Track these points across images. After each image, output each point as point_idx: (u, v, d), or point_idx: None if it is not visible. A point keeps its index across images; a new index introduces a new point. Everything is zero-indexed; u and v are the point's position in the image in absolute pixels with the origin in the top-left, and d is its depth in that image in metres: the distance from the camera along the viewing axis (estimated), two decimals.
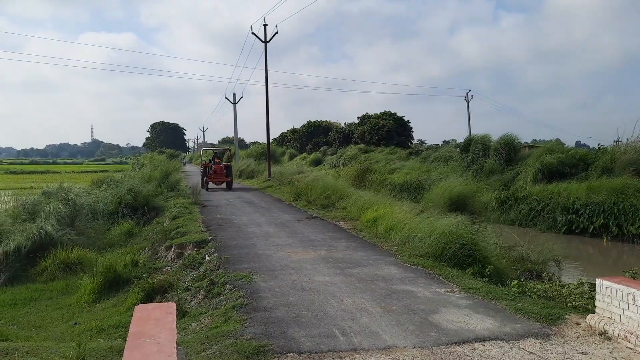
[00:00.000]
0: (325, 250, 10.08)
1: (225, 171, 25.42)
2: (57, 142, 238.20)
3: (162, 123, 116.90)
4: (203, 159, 28.52)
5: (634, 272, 6.93)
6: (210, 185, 25.46)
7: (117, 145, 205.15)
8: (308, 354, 5.03)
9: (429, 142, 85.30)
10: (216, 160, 26.22)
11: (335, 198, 17.20)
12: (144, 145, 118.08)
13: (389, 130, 55.03)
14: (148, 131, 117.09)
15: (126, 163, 69.91)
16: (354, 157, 39.98)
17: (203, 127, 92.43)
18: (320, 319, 6.05)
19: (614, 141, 21.90)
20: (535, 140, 47.45)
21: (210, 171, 25.28)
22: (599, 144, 23.52)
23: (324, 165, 43.91)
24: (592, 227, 16.38)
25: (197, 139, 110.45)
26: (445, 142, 70.73)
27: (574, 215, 17.09)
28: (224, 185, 26.03)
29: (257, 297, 6.99)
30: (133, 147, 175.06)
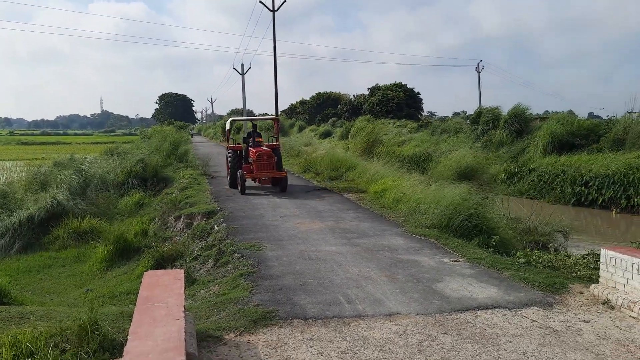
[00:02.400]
0: (332, 221, 10.17)
1: (275, 159, 14.33)
2: (67, 113, 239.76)
3: (170, 94, 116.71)
4: (231, 136, 16.90)
5: (639, 242, 6.94)
6: (248, 182, 14.39)
7: (127, 116, 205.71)
8: (313, 319, 5.15)
9: (439, 114, 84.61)
10: (258, 141, 15.37)
11: (343, 170, 17.25)
12: (153, 116, 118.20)
13: (398, 102, 54.48)
14: (157, 102, 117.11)
15: (135, 134, 70.15)
16: (362, 129, 39.78)
17: (211, 99, 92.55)
18: (326, 286, 6.16)
19: (627, 112, 21.53)
20: (547, 112, 46.79)
21: (250, 160, 14.46)
22: (607, 115, 23.18)
23: (333, 137, 43.76)
24: (601, 199, 16.31)
25: (206, 111, 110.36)
26: (456, 114, 70.11)
27: (582, 187, 17.00)
28: (266, 185, 15.00)
29: (265, 266, 7.11)
30: (142, 119, 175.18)
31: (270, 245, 8.25)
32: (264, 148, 14.57)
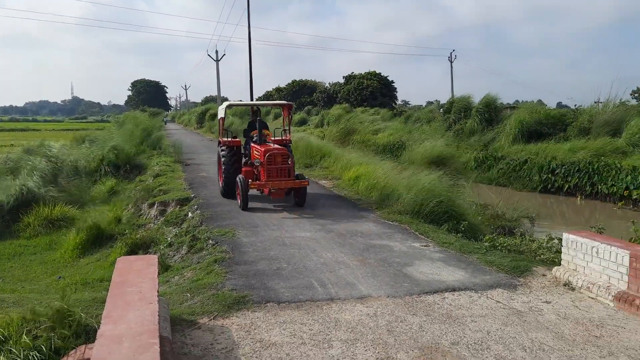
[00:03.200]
0: (307, 208, 10.27)
1: (289, 163, 10.27)
2: (36, 99, 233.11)
3: (143, 81, 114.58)
4: (226, 128, 12.26)
5: (600, 227, 7.24)
6: (248, 192, 10.26)
7: (98, 103, 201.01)
8: (287, 303, 5.26)
9: (413, 103, 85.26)
10: (265, 134, 11.46)
11: (318, 158, 17.36)
12: (126, 103, 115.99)
13: (373, 91, 54.76)
14: (129, 89, 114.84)
15: (108, 121, 68.82)
16: (338, 117, 39.88)
17: (185, 85, 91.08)
18: (300, 271, 6.28)
19: (594, 102, 22.16)
20: (517, 101, 47.68)
21: (255, 162, 10.46)
22: (575, 105, 23.82)
23: (309, 125, 43.72)
24: (567, 186, 16.82)
25: (180, 97, 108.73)
26: (429, 103, 70.70)
27: (549, 175, 17.49)
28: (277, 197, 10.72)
29: (239, 252, 7.18)
30: (115, 105, 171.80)
31: (244, 232, 8.31)
32: (274, 145, 10.61)
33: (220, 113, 12.02)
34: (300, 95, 66.17)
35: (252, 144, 11.00)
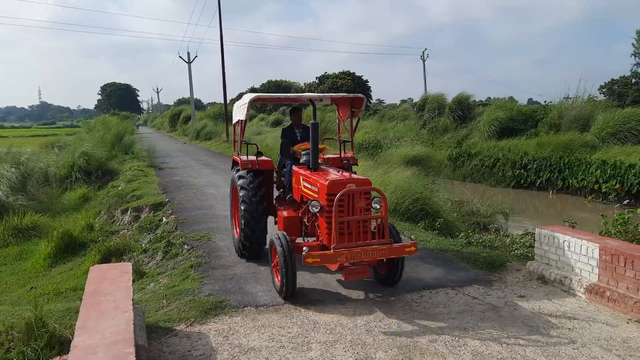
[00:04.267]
0: None
1: (379, 207, 5.36)
2: (3, 105, 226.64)
3: (113, 84, 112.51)
4: (242, 140, 7.17)
5: (572, 221, 7.40)
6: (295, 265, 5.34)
7: (68, 107, 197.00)
8: (265, 307, 5.23)
9: (387, 101, 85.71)
10: (321, 150, 6.69)
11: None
12: (96, 107, 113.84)
13: (347, 90, 54.89)
14: (99, 93, 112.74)
15: (77, 126, 67.36)
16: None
17: (157, 88, 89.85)
18: None
19: (564, 98, 22.66)
20: (489, 98, 48.42)
21: (312, 208, 5.46)
22: (545, 101, 24.32)
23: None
24: (539, 181, 17.16)
25: (152, 100, 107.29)
26: (403, 101, 71.31)
27: (522, 170, 17.82)
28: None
29: (216, 256, 7.11)
30: (84, 110, 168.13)
31: (221, 236, 8.24)
32: (341, 172, 6.21)
33: (239, 113, 6.96)
34: None
35: (296, 168, 6.44)
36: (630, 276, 4.90)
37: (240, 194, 6.58)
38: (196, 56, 45.85)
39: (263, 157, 7.03)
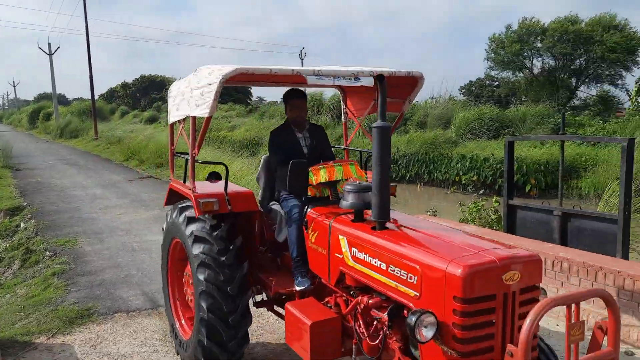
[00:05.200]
0: (158, 210, 9.83)
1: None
2: None
3: None
4: (179, 152, 4.65)
5: (434, 210, 8.04)
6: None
7: None
8: (137, 311, 5.01)
9: (268, 99, 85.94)
10: (350, 167, 3.46)
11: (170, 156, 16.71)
12: None
13: (226, 87, 54.12)
14: None
15: None
16: None
17: (14, 82, 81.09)
18: (151, 277, 5.99)
19: (429, 98, 24.45)
20: None
21: (426, 333, 2.16)
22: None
23: (160, 122, 41.83)
24: (409, 174, 18.39)
25: (8, 95, 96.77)
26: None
27: (394, 165, 18.94)
28: None
29: (82, 262, 6.66)
30: None
31: (88, 240, 7.73)
32: (472, 237, 2.71)
33: (194, 104, 3.75)
34: (150, 91, 62.96)
35: (337, 224, 3.11)
36: None
37: (195, 252, 3.43)
38: (58, 47, 41.97)
39: (237, 187, 4.02)
